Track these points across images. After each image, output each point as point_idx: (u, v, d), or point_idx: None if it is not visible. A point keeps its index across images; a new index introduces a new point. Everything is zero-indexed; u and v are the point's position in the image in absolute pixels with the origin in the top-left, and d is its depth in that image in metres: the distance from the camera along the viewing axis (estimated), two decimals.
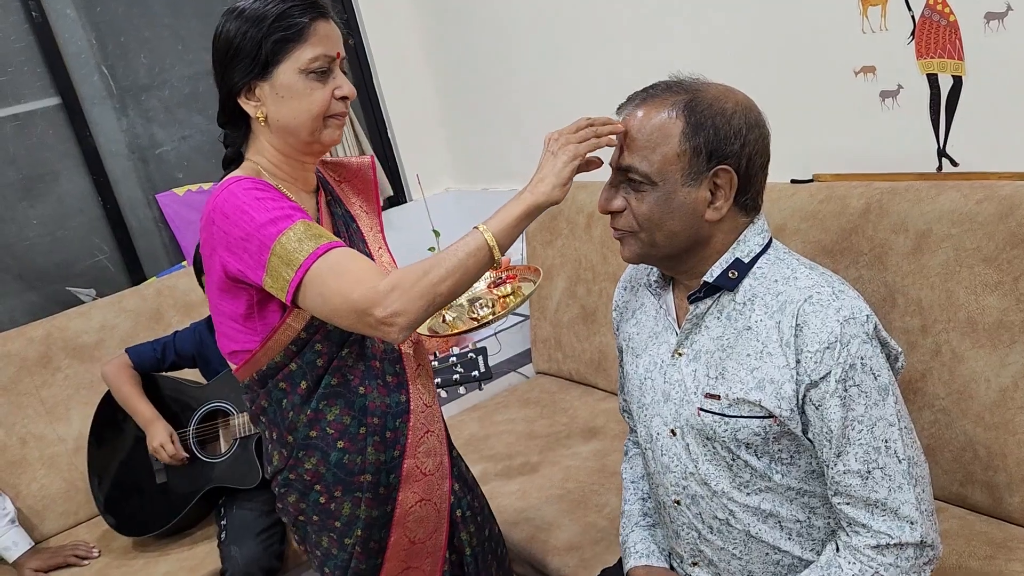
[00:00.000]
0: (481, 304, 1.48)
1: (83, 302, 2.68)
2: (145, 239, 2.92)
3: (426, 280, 1.13)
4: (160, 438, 2.09)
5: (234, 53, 1.23)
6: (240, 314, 1.27)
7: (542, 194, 1.16)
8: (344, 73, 1.30)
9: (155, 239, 2.95)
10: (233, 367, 1.32)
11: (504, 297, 1.48)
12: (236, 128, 1.31)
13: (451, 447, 1.51)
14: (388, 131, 3.33)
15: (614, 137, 1.17)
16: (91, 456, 2.24)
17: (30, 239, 2.72)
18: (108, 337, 2.54)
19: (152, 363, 2.18)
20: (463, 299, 1.53)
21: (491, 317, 1.43)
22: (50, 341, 2.49)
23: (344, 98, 1.27)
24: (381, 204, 1.57)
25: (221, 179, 1.35)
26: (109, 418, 2.23)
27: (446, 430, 1.50)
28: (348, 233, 1.38)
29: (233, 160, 1.33)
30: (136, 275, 2.89)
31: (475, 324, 1.43)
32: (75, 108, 2.73)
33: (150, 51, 2.86)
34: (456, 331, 1.46)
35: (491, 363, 2.82)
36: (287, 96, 1.23)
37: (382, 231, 1.50)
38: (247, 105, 1.25)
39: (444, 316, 1.52)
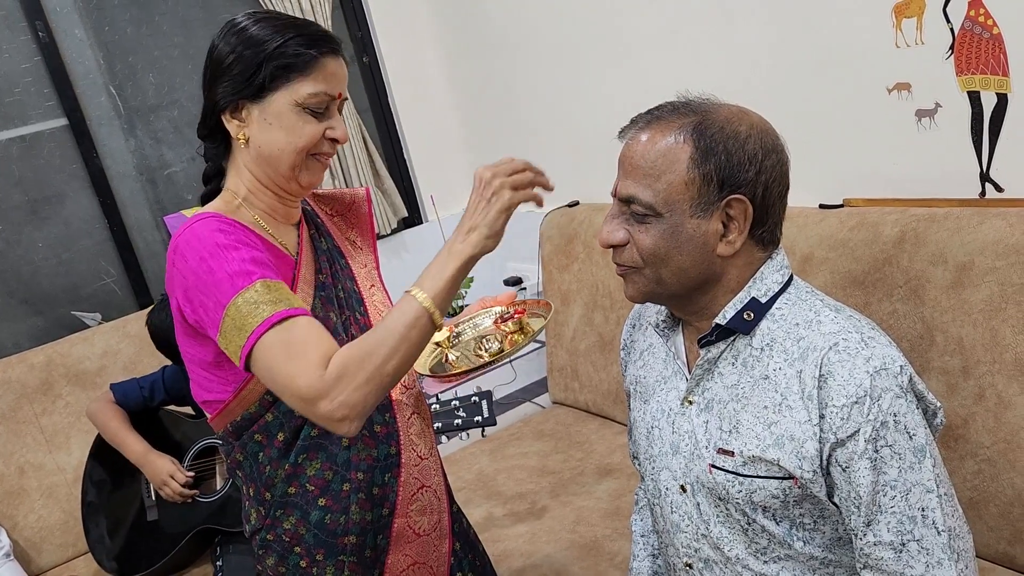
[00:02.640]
0: (488, 342, 1.38)
1: (88, 327, 2.63)
2: (153, 262, 2.86)
3: (371, 363, 1.02)
4: (167, 469, 2.01)
5: (226, 70, 1.15)
6: (208, 361, 1.17)
7: (474, 245, 1.07)
8: (340, 115, 1.21)
9: (163, 262, 2.86)
10: (208, 416, 1.23)
11: (512, 334, 1.37)
12: (215, 142, 1.23)
13: (452, 501, 1.39)
14: (403, 151, 3.25)
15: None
16: (85, 493, 2.16)
17: (36, 262, 2.67)
18: (110, 363, 2.48)
19: (138, 402, 2.09)
20: (469, 336, 1.43)
21: (499, 355, 1.32)
22: (51, 367, 2.44)
23: (334, 140, 1.19)
24: (387, 231, 1.47)
25: (200, 196, 1.27)
26: (105, 454, 2.14)
27: (446, 484, 1.38)
28: (332, 270, 1.28)
29: (213, 176, 1.25)
30: (144, 299, 2.82)
31: (481, 363, 1.32)
32: (82, 129, 2.68)
33: (159, 71, 2.81)
34: (458, 371, 1.35)
35: (506, 392, 2.74)
36: (275, 124, 1.15)
37: (378, 267, 1.41)
38: (230, 124, 1.18)
39: (447, 355, 1.42)
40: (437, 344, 1.41)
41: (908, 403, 0.97)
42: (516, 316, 1.39)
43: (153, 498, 2.09)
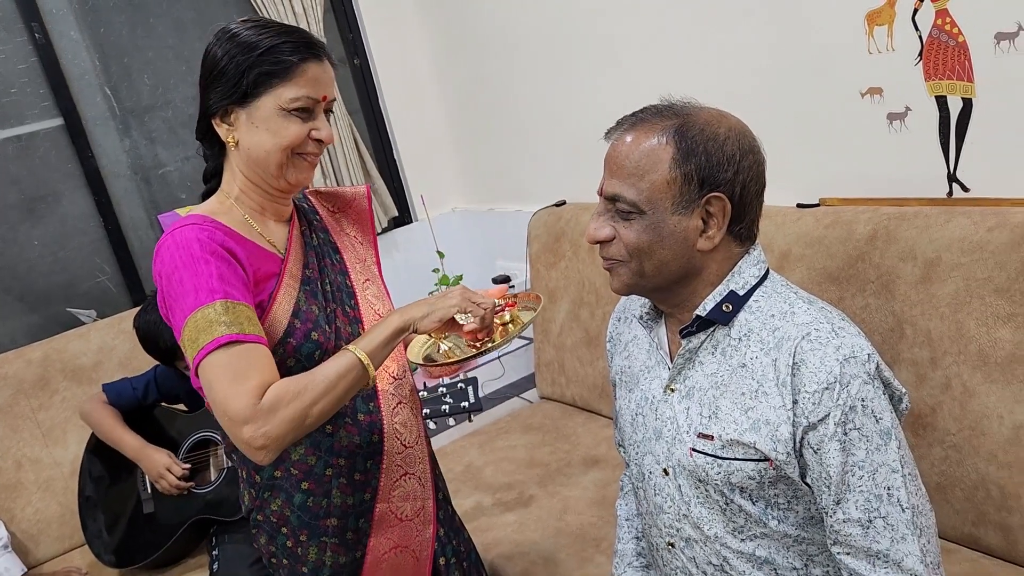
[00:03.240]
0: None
1: (84, 323, 2.67)
2: (147, 260, 2.90)
3: (300, 402, 1.09)
4: (163, 463, 2.05)
5: (216, 76, 1.21)
6: None
7: (412, 318, 1.20)
8: (328, 113, 1.27)
9: None
10: (205, 402, 1.28)
11: (504, 325, 1.43)
12: (211, 145, 1.29)
13: (438, 488, 1.45)
14: (393, 150, 3.31)
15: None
16: (82, 488, 2.20)
17: (31, 260, 2.71)
18: (106, 359, 2.52)
19: (131, 402, 2.13)
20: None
21: (490, 345, 1.37)
22: (48, 363, 2.47)
23: (319, 141, 1.24)
24: (378, 230, 1.53)
25: (201, 194, 1.33)
26: (101, 449, 2.18)
27: (432, 471, 1.44)
28: (321, 265, 1.33)
29: (213, 175, 1.31)
30: (138, 295, 2.86)
31: (474, 352, 1.37)
32: (77, 129, 2.72)
33: (153, 72, 2.85)
34: (452, 360, 1.41)
35: (495, 387, 2.80)
36: (261, 127, 1.21)
37: (378, 262, 1.46)
38: (219, 128, 1.23)
39: (440, 345, 1.47)
40: (430, 335, 1.46)
41: (875, 389, 1.04)
42: (507, 308, 1.45)
43: (149, 491, 2.13)
